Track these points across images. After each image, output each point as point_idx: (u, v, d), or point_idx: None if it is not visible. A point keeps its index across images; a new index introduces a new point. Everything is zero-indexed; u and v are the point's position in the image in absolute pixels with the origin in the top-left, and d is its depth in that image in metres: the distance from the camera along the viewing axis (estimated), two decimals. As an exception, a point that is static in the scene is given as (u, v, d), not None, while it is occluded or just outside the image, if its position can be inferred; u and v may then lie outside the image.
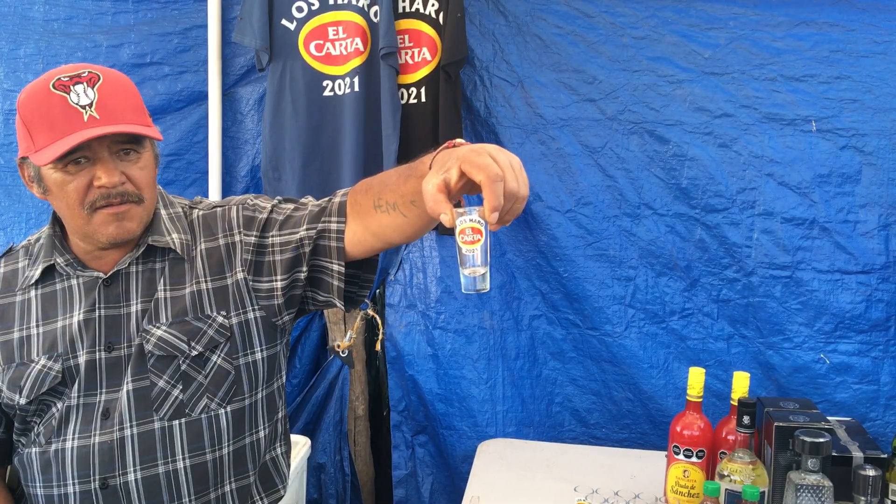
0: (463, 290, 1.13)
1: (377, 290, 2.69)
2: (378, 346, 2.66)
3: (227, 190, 2.63)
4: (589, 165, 2.41)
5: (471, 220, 1.09)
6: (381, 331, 2.63)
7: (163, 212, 1.49)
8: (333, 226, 1.39)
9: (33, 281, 1.45)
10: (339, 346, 2.62)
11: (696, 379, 1.88)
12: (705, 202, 2.35)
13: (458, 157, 1.10)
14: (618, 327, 2.44)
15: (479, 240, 1.09)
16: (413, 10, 2.45)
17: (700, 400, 1.89)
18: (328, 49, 2.47)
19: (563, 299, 2.47)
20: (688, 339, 2.40)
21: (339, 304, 1.44)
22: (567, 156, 2.42)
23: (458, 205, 1.13)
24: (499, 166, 1.07)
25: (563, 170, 2.43)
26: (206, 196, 2.56)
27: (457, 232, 1.10)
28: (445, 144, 1.20)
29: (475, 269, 1.10)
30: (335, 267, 1.41)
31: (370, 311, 2.63)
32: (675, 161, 2.36)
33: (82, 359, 1.41)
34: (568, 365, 2.50)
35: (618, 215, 2.41)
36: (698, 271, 2.38)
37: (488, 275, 1.12)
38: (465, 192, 1.15)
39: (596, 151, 2.41)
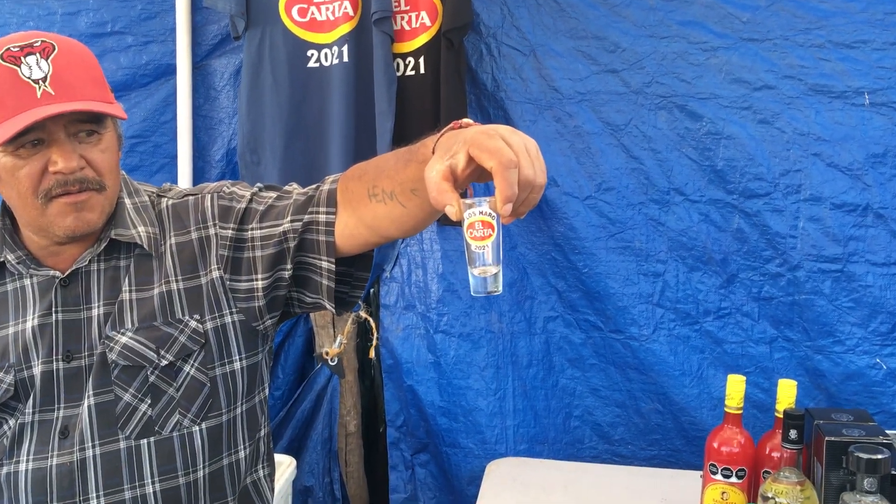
0: (472, 293, 1.12)
1: (371, 290, 2.69)
2: (372, 353, 2.66)
3: (199, 176, 2.63)
4: (611, 145, 2.41)
5: (481, 213, 1.08)
6: (375, 335, 2.63)
7: (127, 201, 1.48)
8: (322, 217, 1.39)
9: (-20, 281, 1.45)
10: (327, 354, 2.62)
11: (735, 388, 1.88)
12: (744, 186, 2.35)
13: (466, 140, 1.09)
14: (645, 330, 2.44)
15: (490, 235, 1.08)
16: (409, -32, 2.45)
17: (740, 412, 1.89)
18: (313, 14, 2.46)
19: (583, 298, 2.47)
20: (725, 342, 2.40)
21: (328, 306, 1.44)
22: (586, 135, 2.42)
23: (464, 194, 1.12)
24: (513, 151, 1.06)
25: (582, 151, 2.42)
26: (176, 183, 2.55)
27: (465, 226, 1.09)
28: (451, 125, 1.19)
29: (486, 268, 1.09)
30: (324, 264, 1.40)
31: (363, 314, 2.63)
32: (709, 140, 2.36)
33: (37, 370, 1.41)
34: (588, 373, 2.50)
35: (644, 202, 2.41)
36: (736, 265, 2.37)
37: (500, 274, 1.11)
38: (474, 180, 1.14)
39: (619, 129, 2.40)
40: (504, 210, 1.06)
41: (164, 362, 1.42)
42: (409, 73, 2.46)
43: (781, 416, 1.81)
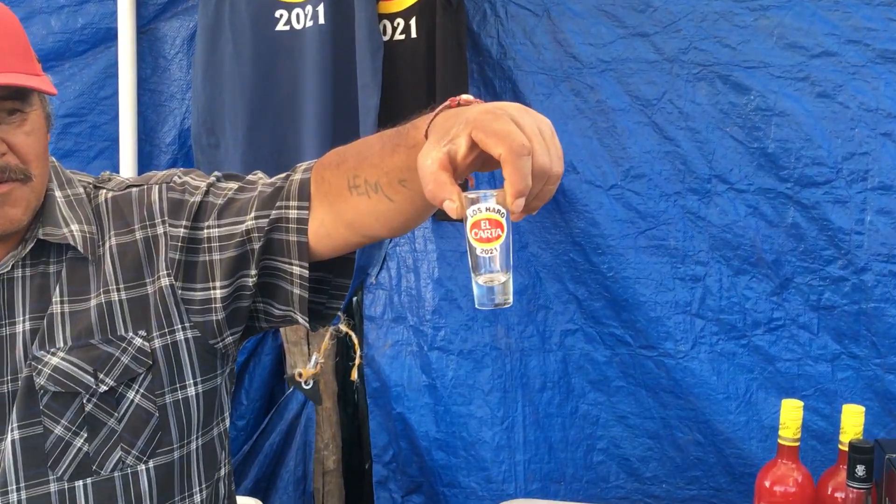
0: (476, 304, 1.11)
1: (353, 299, 2.69)
2: (354, 375, 2.66)
3: (145, 163, 2.63)
4: (641, 124, 2.41)
5: (487, 210, 1.07)
6: (357, 353, 2.62)
7: (58, 194, 1.48)
8: (293, 213, 1.39)
9: None
10: (300, 376, 2.62)
11: (790, 415, 1.88)
12: (800, 173, 2.35)
13: (468, 122, 1.08)
14: (682, 345, 2.44)
15: (498, 236, 1.08)
16: (398, -88, 2.45)
17: (797, 444, 1.89)
18: (282, -33, 2.47)
19: (607, 308, 2.48)
20: (778, 360, 2.40)
21: (301, 320, 1.43)
22: (611, 111, 2.42)
23: (464, 185, 1.11)
24: (525, 134, 1.05)
25: (606, 130, 2.43)
26: (117, 172, 2.55)
27: (468, 225, 1.08)
28: (447, 102, 1.19)
29: (493, 275, 1.09)
30: (296, 269, 1.40)
31: (343, 327, 2.63)
32: (758, 117, 2.36)
33: (-50, 398, 1.41)
34: (614, 397, 2.50)
35: (681, 192, 2.41)
36: (791, 268, 2.38)
37: (511, 282, 1.10)
38: (476, 169, 1.14)
39: (650, 105, 2.40)
40: (515, 205, 1.05)
41: (104, 388, 1.41)
42: (399, 37, 2.46)
43: (846, 448, 1.81)
